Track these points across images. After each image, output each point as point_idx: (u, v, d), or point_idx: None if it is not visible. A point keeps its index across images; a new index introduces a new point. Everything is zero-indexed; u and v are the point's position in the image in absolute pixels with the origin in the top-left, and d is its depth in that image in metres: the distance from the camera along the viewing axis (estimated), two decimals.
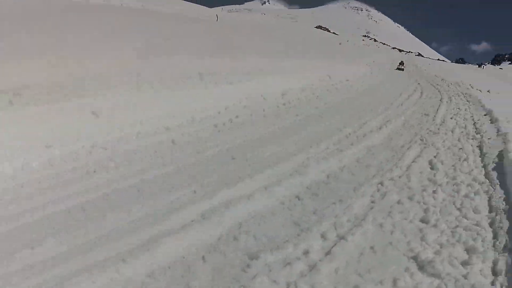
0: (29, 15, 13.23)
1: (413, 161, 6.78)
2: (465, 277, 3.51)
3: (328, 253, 3.82)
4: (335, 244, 3.95)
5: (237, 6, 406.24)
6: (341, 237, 4.08)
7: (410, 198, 5.20)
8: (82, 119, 7.62)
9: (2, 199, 5.11)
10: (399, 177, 5.98)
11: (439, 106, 13.61)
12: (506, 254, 3.82)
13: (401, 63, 39.77)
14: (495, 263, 3.73)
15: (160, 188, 5.44)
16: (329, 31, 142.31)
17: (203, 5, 69.04)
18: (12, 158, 6.03)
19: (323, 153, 7.08)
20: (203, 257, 3.78)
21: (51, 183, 5.59)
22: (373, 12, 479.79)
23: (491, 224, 4.50)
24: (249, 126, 8.84)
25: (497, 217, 4.62)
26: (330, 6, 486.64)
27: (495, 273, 3.62)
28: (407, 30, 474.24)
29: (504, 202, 5.04)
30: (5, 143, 6.27)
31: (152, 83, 9.56)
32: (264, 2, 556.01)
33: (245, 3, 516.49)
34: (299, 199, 5.13)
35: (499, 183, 5.78)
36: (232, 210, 4.63)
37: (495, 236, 4.23)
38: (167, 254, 3.78)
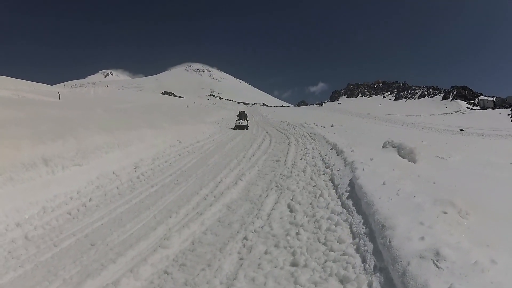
0: None
1: (272, 209, 7.04)
2: None
3: None
4: None
5: (80, 80, 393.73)
6: None
7: (276, 246, 5.35)
8: None
9: None
10: (262, 227, 6.15)
11: (288, 150, 14.44)
12: (378, 274, 4.06)
13: (242, 116, 30.04)
14: (370, 285, 3.97)
15: None
16: (175, 96, 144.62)
17: (44, 83, 65.66)
18: None
19: (183, 220, 7.01)
20: None
21: None
22: (215, 71, 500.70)
23: (357, 250, 4.82)
24: (105, 207, 8.39)
25: (360, 241, 4.97)
26: (173, 71, 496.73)
27: None
28: (249, 84, 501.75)
29: (364, 226, 5.45)
30: None
31: None
32: (107, 74, 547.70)
33: (88, 76, 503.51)
34: (167, 274, 4.97)
35: (355, 210, 6.26)
36: None
37: (363, 260, 4.52)
38: None
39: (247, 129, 27.84)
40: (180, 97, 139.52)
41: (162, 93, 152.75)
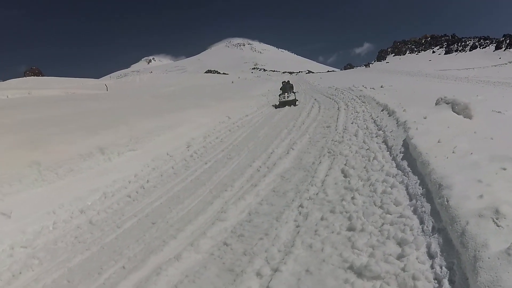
0: None
1: (326, 175, 6.97)
2: (403, 269, 3.59)
3: None
4: (272, 279, 3.93)
5: (125, 70, 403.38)
6: (276, 270, 4.06)
7: (332, 211, 5.31)
8: None
9: None
10: (316, 194, 6.11)
11: (338, 115, 14.22)
12: (436, 235, 3.96)
13: (286, 87, 23.08)
14: (428, 247, 3.87)
15: (89, 272, 5.18)
16: (219, 73, 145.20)
17: (91, 78, 68.02)
18: None
19: (239, 193, 7.09)
20: None
21: None
22: (255, 44, 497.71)
23: (414, 212, 4.69)
24: (162, 187, 8.63)
25: (417, 203, 4.83)
26: (214, 49, 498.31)
27: (431, 256, 3.74)
28: (292, 53, 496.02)
29: (420, 187, 5.29)
30: None
31: (54, 170, 9.13)
32: (150, 61, 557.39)
33: (132, 65, 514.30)
34: (227, 245, 5.05)
35: (411, 170, 6.08)
36: (165, 275, 4.48)
37: (421, 222, 4.40)
38: None
39: (296, 105, 21.36)
40: (224, 73, 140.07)
41: (205, 72, 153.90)
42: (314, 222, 5.08)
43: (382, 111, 12.56)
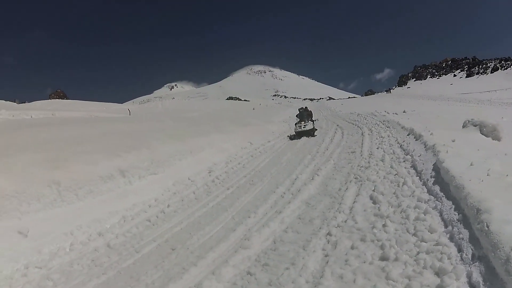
0: None
1: (354, 201, 6.72)
2: None
3: None
4: None
5: (147, 96, 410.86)
6: None
7: (363, 240, 5.04)
8: (9, 241, 7.02)
9: None
10: (345, 221, 5.86)
11: (362, 140, 14.00)
12: (477, 263, 3.67)
13: (303, 115, 20.92)
14: (469, 276, 3.60)
15: None
16: (240, 100, 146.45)
17: (114, 103, 69.38)
18: None
19: (262, 220, 6.87)
20: None
21: None
22: (276, 71, 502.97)
23: (451, 239, 4.42)
24: (182, 212, 8.46)
25: (454, 229, 4.56)
26: (235, 76, 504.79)
27: (473, 286, 3.47)
28: (312, 79, 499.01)
29: (455, 212, 5.01)
30: None
31: (74, 190, 9.06)
32: (172, 87, 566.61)
33: (154, 91, 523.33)
34: (251, 275, 4.80)
35: (444, 195, 5.81)
36: None
37: (459, 249, 4.12)
38: None
39: (314, 135, 19.48)
40: (245, 100, 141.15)
41: (227, 99, 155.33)
42: (343, 251, 4.81)
43: (408, 135, 12.32)
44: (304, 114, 21.10)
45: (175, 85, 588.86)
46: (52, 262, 6.57)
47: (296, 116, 21.93)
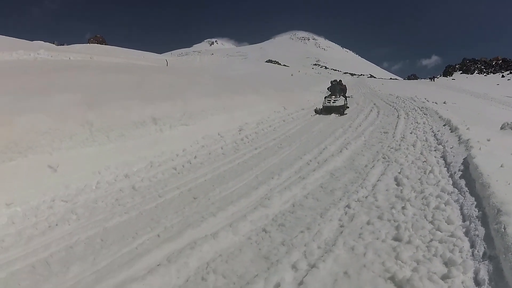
0: None
1: (378, 180, 6.70)
2: None
3: (300, 283, 3.64)
4: (307, 274, 3.77)
5: (186, 49, 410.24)
6: (313, 266, 3.90)
7: (380, 217, 5.05)
8: (39, 174, 7.38)
9: None
10: (366, 197, 5.86)
11: (397, 122, 13.79)
12: (487, 262, 3.67)
13: (335, 89, 19.42)
14: (476, 273, 3.58)
15: (124, 235, 5.22)
16: (279, 64, 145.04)
17: (153, 52, 69.76)
18: None
19: (285, 183, 6.96)
20: None
21: (13, 241, 5.33)
22: (321, 40, 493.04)
23: (466, 233, 4.37)
24: (209, 165, 8.64)
25: (471, 225, 4.50)
26: (277, 39, 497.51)
27: (478, 283, 3.46)
28: (356, 54, 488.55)
29: (476, 209, 4.93)
30: None
31: (106, 132, 9.33)
32: (212, 43, 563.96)
33: (194, 45, 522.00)
34: (266, 232, 4.94)
35: (468, 191, 5.69)
36: (198, 251, 4.41)
37: (472, 245, 4.09)
38: None
39: (344, 113, 17.42)
40: (284, 65, 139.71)
41: (266, 62, 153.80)
42: (359, 225, 4.86)
43: (444, 125, 12.07)
44: (337, 88, 19.53)
45: (215, 41, 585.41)
46: (78, 197, 6.86)
47: (328, 89, 20.06)
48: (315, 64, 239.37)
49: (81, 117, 9.31)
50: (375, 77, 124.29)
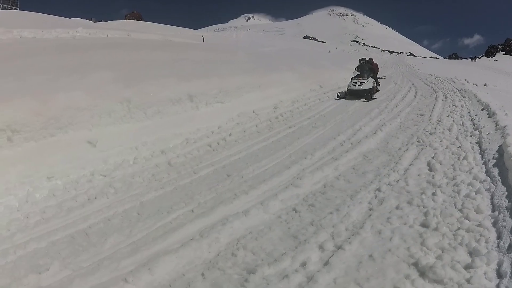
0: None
1: (410, 164, 6.68)
2: (468, 281, 3.37)
3: (326, 263, 3.74)
4: (333, 255, 3.87)
5: (223, 25, 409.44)
6: (339, 247, 3.99)
7: (409, 203, 5.08)
8: (79, 149, 7.69)
9: (9, 229, 5.15)
10: (397, 181, 5.88)
11: (434, 105, 13.56)
12: (511, 254, 3.67)
13: (364, 68, 16.98)
14: (499, 265, 3.57)
15: (159, 209, 5.43)
16: (316, 40, 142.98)
17: (189, 28, 69.88)
18: (16, 191, 6.16)
19: (318, 163, 7.04)
20: (202, 274, 3.75)
21: (54, 212, 5.61)
22: (359, 16, 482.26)
23: (494, 224, 4.35)
24: (243, 143, 8.80)
25: (500, 216, 4.47)
26: (315, 15, 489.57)
27: (500, 275, 3.46)
28: (396, 31, 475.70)
29: (506, 200, 4.87)
30: (8, 178, 6.39)
31: (143, 109, 9.58)
32: (249, 18, 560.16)
33: (230, 21, 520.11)
34: (296, 212, 5.04)
35: (500, 180, 5.62)
36: (229, 227, 4.58)
37: (499, 236, 4.07)
38: (167, 272, 3.78)
39: (372, 98, 15.30)
40: (322, 42, 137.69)
41: (303, 38, 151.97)
42: (388, 209, 4.90)
43: (482, 110, 11.79)
44: (365, 68, 16.98)
45: (252, 16, 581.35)
46: (115, 172, 7.11)
47: (356, 68, 17.34)
48: (353, 41, 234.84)
49: (120, 94, 9.58)
50: (414, 56, 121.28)
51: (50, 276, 3.90)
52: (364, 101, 14.81)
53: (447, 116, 11.09)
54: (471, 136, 8.55)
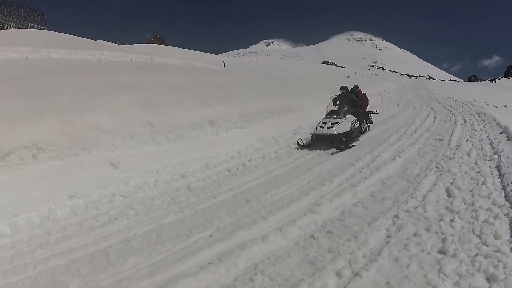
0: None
1: (429, 190, 6.69)
2: None
3: None
4: (350, 281, 3.91)
5: (243, 50, 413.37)
6: (356, 274, 4.03)
7: (427, 229, 5.10)
8: (101, 170, 7.96)
9: (30, 244, 5.35)
10: (415, 208, 5.90)
11: (453, 129, 13.53)
12: None
13: (342, 104, 12.45)
14: None
15: (178, 232, 5.55)
16: (335, 65, 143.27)
17: (210, 53, 70.89)
18: (38, 207, 6.41)
19: (336, 189, 7.08)
20: None
21: (75, 230, 5.82)
22: (378, 40, 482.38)
23: None
24: (262, 168, 8.88)
25: None
26: (334, 40, 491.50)
27: None
28: (414, 55, 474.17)
29: None
30: (31, 194, 6.65)
31: (165, 133, 9.81)
32: (269, 44, 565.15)
33: (250, 46, 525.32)
34: (314, 238, 5.09)
35: None
36: (248, 252, 4.64)
37: None
38: None
39: (346, 146, 10.86)
40: (340, 66, 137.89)
41: (322, 63, 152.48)
42: (406, 236, 4.93)
43: (501, 133, 11.75)
44: (344, 101, 12.49)
45: (272, 42, 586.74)
46: (136, 194, 7.31)
47: (332, 100, 12.87)
48: (372, 65, 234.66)
49: (142, 117, 9.83)
50: (433, 79, 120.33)
51: None
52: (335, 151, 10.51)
53: (466, 141, 11.06)
54: (490, 160, 8.53)
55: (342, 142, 10.94)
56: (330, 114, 11.89)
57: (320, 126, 11.31)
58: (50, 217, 6.26)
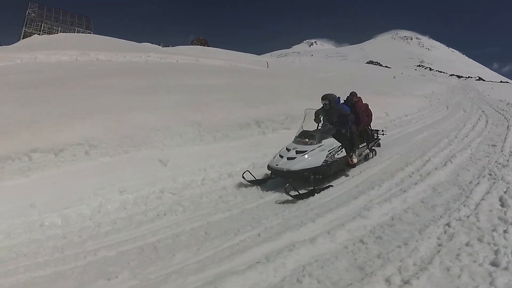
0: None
1: (482, 199, 6.49)
2: None
3: None
4: None
5: (285, 50, 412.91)
6: (406, 282, 3.98)
7: (480, 240, 4.96)
8: (151, 167, 8.23)
9: (81, 236, 5.62)
10: (467, 216, 5.74)
11: (506, 134, 13.14)
12: None
13: (324, 122, 8.82)
14: None
15: (226, 230, 5.64)
16: (381, 65, 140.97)
17: (253, 54, 71.43)
18: (89, 201, 6.72)
19: (385, 194, 6.97)
20: None
21: (125, 224, 6.04)
22: (424, 39, 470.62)
23: None
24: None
25: None
26: (378, 39, 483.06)
27: None
28: (463, 54, 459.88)
29: None
30: (82, 188, 6.99)
31: (212, 133, 10.00)
32: (312, 44, 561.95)
33: (293, 46, 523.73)
34: (362, 243, 5.05)
35: None
36: (296, 253, 4.65)
37: None
38: None
39: (315, 190, 7.24)
40: (386, 67, 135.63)
41: (367, 63, 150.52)
42: (458, 246, 4.81)
43: None
44: (326, 117, 9.07)
45: (315, 42, 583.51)
46: (184, 191, 7.48)
47: (315, 114, 9.19)
48: (419, 65, 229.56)
49: (190, 117, 10.03)
50: (484, 80, 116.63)
51: (119, 283, 4.20)
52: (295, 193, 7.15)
53: None
54: None
55: (309, 181, 7.54)
56: (300, 137, 8.40)
57: (279, 155, 7.92)
58: (100, 210, 6.53)
